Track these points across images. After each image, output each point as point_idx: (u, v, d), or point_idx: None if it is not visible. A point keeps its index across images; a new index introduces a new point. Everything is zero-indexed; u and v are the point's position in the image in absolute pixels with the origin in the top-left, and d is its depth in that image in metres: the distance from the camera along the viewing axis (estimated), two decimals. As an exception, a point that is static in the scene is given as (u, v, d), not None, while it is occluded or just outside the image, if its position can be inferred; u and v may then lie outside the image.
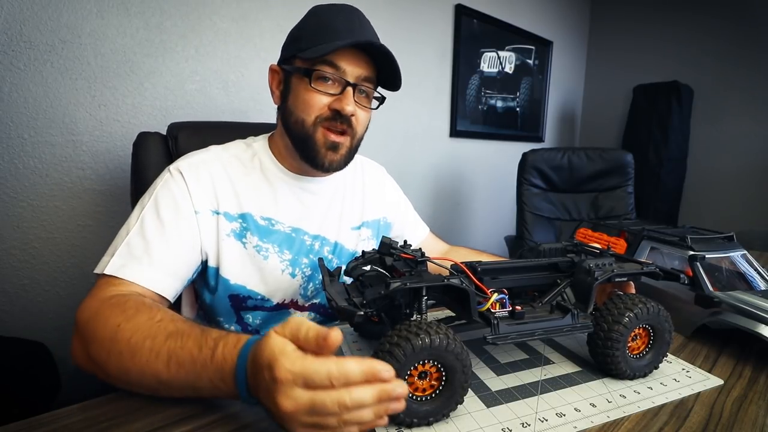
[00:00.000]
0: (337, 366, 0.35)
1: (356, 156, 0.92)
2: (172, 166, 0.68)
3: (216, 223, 0.68)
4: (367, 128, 0.77)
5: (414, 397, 0.42)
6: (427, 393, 0.43)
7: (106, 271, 0.56)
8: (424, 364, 0.42)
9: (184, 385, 0.43)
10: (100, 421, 0.43)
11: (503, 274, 0.56)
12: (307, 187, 0.77)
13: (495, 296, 0.50)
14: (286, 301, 0.76)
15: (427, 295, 0.47)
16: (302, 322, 0.38)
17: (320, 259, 0.59)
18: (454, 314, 0.55)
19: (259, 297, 0.73)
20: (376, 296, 0.45)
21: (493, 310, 0.50)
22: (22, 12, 1.03)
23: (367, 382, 0.35)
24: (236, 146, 0.77)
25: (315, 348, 0.36)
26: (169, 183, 0.66)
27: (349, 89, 0.67)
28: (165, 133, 0.95)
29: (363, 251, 0.58)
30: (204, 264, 0.69)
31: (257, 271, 0.72)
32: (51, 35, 1.07)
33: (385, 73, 0.72)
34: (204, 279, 0.71)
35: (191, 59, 1.31)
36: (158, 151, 0.91)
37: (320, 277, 0.75)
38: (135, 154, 0.91)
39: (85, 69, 1.13)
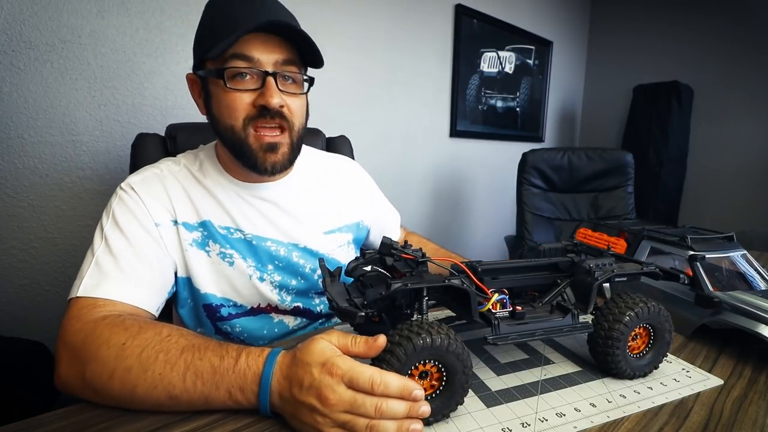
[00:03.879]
0: (379, 374, 0.39)
1: (328, 154, 0.90)
2: (123, 183, 0.66)
3: (177, 234, 0.66)
4: (307, 116, 0.71)
5: None
6: (427, 393, 0.43)
7: (79, 294, 0.54)
8: (425, 364, 0.42)
9: (198, 397, 0.43)
10: (101, 421, 0.43)
11: (503, 274, 0.56)
12: (259, 194, 0.72)
13: (496, 296, 0.50)
14: (262, 305, 0.72)
15: (428, 296, 0.47)
16: (347, 333, 0.44)
17: (321, 259, 0.59)
18: (454, 314, 0.55)
19: (231, 303, 0.70)
20: (377, 297, 0.45)
21: (493, 311, 0.50)
22: (22, 12, 1.03)
23: (401, 398, 0.39)
24: (185, 157, 0.74)
25: (364, 350, 0.42)
26: (124, 199, 0.63)
27: (270, 79, 0.61)
28: (164, 134, 0.95)
29: (363, 251, 0.58)
30: (174, 274, 0.67)
31: (225, 278, 0.69)
32: (51, 35, 1.07)
33: (305, 50, 0.65)
34: (176, 292, 0.69)
35: (191, 59, 1.31)
36: (157, 152, 0.91)
37: (293, 282, 0.75)
38: (134, 155, 0.90)
39: (85, 69, 1.13)
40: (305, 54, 0.65)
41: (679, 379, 0.53)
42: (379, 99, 1.88)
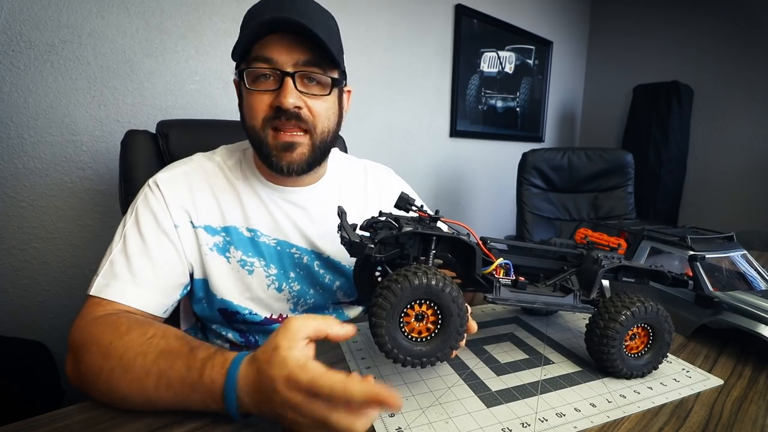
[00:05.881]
0: (342, 383, 0.35)
1: (360, 161, 0.87)
2: (151, 179, 0.66)
3: (195, 237, 0.66)
4: (339, 118, 0.70)
5: (410, 337, 0.43)
6: (423, 335, 0.43)
7: (92, 292, 0.56)
8: (420, 305, 0.42)
9: (174, 404, 0.43)
10: (100, 422, 0.43)
11: (511, 253, 0.57)
12: (290, 198, 0.72)
13: (500, 260, 0.51)
14: (274, 316, 0.72)
15: (435, 250, 0.48)
16: (300, 330, 0.40)
17: (340, 207, 0.54)
18: (459, 281, 0.56)
19: (246, 312, 0.70)
20: (389, 234, 0.46)
21: (496, 275, 0.51)
22: (22, 12, 1.02)
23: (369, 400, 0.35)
24: (222, 153, 0.73)
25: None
26: (148, 197, 0.64)
27: (288, 80, 0.60)
28: (155, 132, 0.92)
29: (380, 211, 0.56)
30: (190, 275, 0.67)
31: (243, 286, 0.69)
32: (51, 35, 1.07)
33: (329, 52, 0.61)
34: (192, 290, 0.69)
35: (191, 59, 1.31)
36: (147, 149, 0.89)
37: (311, 291, 0.74)
38: (123, 154, 0.88)
39: (85, 69, 1.13)
40: (331, 55, 0.62)
41: (679, 379, 0.53)
42: (379, 99, 1.88)
